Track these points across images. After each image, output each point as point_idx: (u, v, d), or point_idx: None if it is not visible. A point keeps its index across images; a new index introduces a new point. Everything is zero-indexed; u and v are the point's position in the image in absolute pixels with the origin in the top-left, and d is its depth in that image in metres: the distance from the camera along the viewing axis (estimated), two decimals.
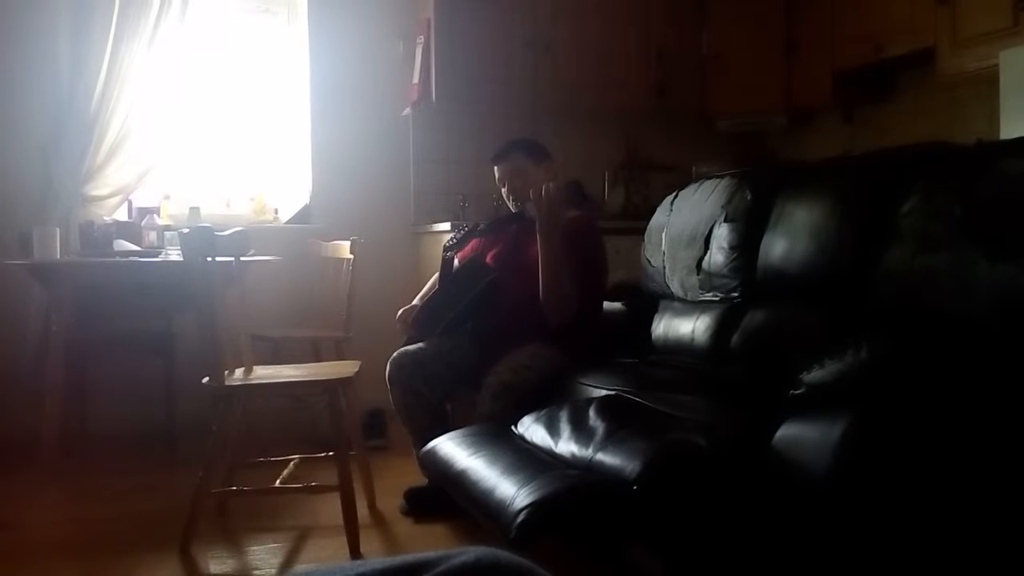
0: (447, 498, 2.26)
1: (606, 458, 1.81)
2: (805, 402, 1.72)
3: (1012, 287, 1.75)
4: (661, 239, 3.18)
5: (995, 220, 1.89)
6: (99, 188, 4.03)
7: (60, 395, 3.38)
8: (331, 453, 2.62)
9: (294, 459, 2.96)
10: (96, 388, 3.96)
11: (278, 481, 2.84)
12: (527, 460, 1.96)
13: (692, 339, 2.82)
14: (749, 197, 2.76)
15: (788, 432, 1.70)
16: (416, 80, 4.33)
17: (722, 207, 2.86)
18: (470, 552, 0.56)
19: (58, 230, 3.55)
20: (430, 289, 3.10)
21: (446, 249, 3.07)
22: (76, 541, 2.61)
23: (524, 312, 2.76)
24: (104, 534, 2.67)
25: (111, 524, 2.77)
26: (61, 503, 3.06)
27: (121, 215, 4.10)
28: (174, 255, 3.56)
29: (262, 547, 2.59)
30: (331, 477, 2.57)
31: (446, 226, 3.99)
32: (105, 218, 3.97)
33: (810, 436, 1.64)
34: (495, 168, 3.05)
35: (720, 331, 2.71)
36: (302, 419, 3.93)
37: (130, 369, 4.01)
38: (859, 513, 1.54)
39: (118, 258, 3.65)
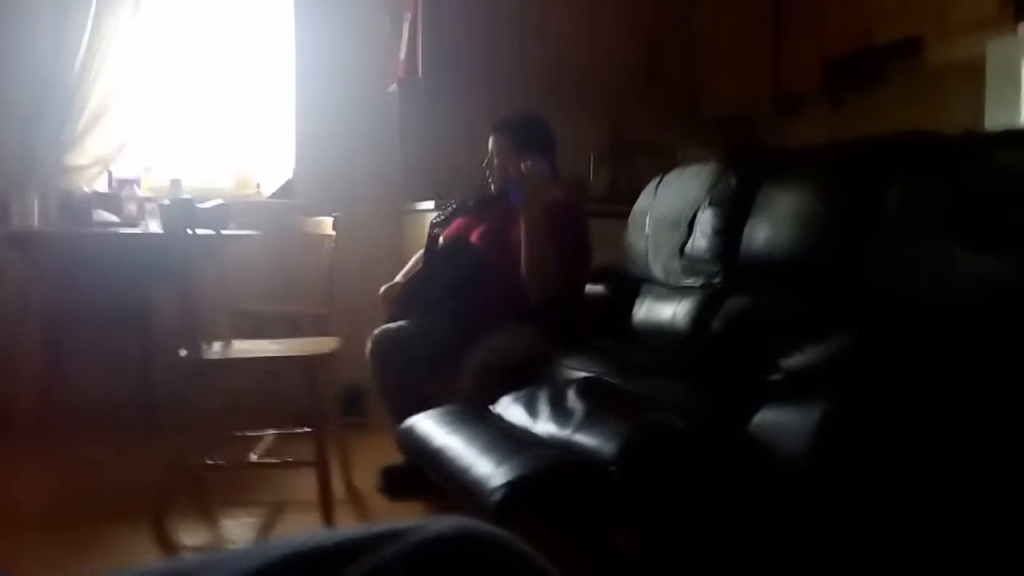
0: (424, 476, 2.25)
1: (584, 439, 1.81)
2: (784, 387, 1.73)
3: (993, 278, 1.75)
4: (645, 223, 3.18)
5: (978, 211, 1.90)
6: (79, 158, 3.97)
7: (36, 365, 3.35)
8: (308, 429, 2.62)
9: (271, 434, 2.95)
10: (73, 359, 3.92)
11: (254, 455, 2.83)
12: (505, 439, 1.96)
13: (673, 323, 2.82)
14: (734, 183, 2.76)
15: (766, 416, 1.70)
16: (403, 56, 4.29)
17: (707, 192, 2.85)
18: (445, 521, 0.53)
19: (37, 199, 3.50)
20: (413, 267, 3.09)
21: (432, 227, 3.05)
22: (50, 510, 2.59)
23: (507, 293, 2.76)
24: (78, 504, 2.66)
25: (85, 494, 2.75)
26: (36, 472, 3.04)
27: (101, 186, 4.05)
28: (154, 227, 3.52)
29: (236, 521, 2.58)
30: (308, 453, 2.56)
31: (431, 204, 3.96)
32: (85, 188, 3.92)
33: (788, 421, 1.64)
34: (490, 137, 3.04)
35: (701, 316, 2.72)
36: (280, 394, 3.91)
37: (107, 340, 3.97)
38: (835, 498, 1.55)
39: (97, 229, 3.61)
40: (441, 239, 2.99)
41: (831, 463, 1.56)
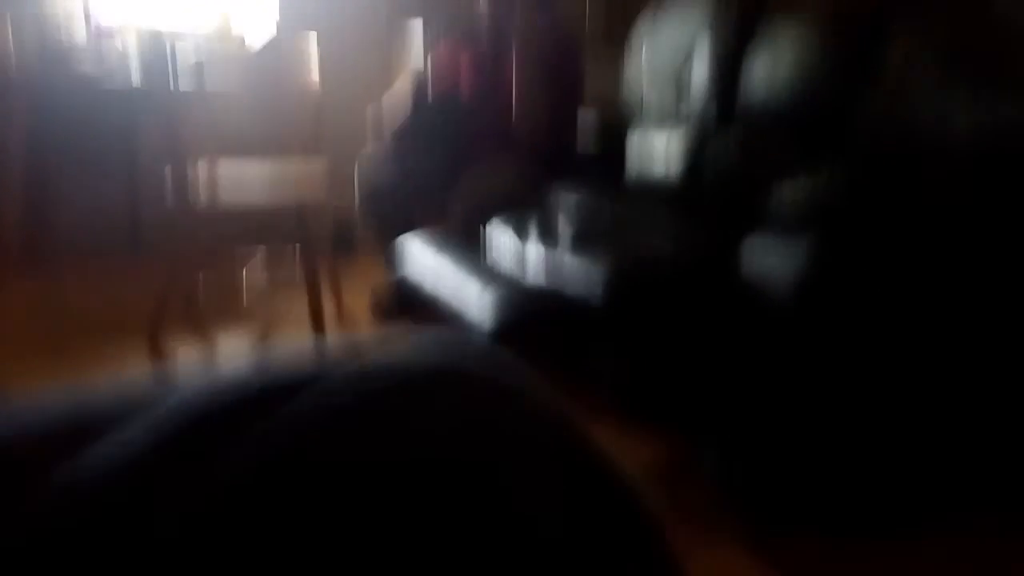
0: (416, 297, 2.30)
1: (573, 264, 1.84)
2: (773, 221, 1.75)
3: (991, 116, 1.75)
4: (641, 55, 3.10)
5: (983, 52, 1.87)
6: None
7: (19, 203, 3.30)
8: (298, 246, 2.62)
9: (260, 250, 2.96)
10: (59, 199, 3.85)
11: (244, 272, 2.85)
12: (493, 264, 1.99)
13: (666, 156, 2.81)
14: (735, 14, 2.68)
15: (753, 249, 1.73)
16: None
17: (707, 24, 2.77)
18: (428, 351, 0.41)
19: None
20: (399, 96, 3.00)
21: (418, 75, 2.94)
22: (43, 333, 2.62)
23: (498, 126, 2.72)
24: (73, 323, 2.69)
25: (80, 315, 2.78)
26: (28, 301, 3.05)
27: (80, 34, 3.84)
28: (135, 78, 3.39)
29: (230, 334, 2.63)
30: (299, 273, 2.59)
31: (419, 24, 3.81)
32: (62, 36, 3.72)
33: (774, 252, 1.67)
34: None
35: (695, 148, 2.70)
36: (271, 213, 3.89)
37: (93, 187, 3.88)
38: (817, 333, 1.60)
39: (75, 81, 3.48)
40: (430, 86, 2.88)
41: (814, 298, 1.60)
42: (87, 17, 3.86)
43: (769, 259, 1.68)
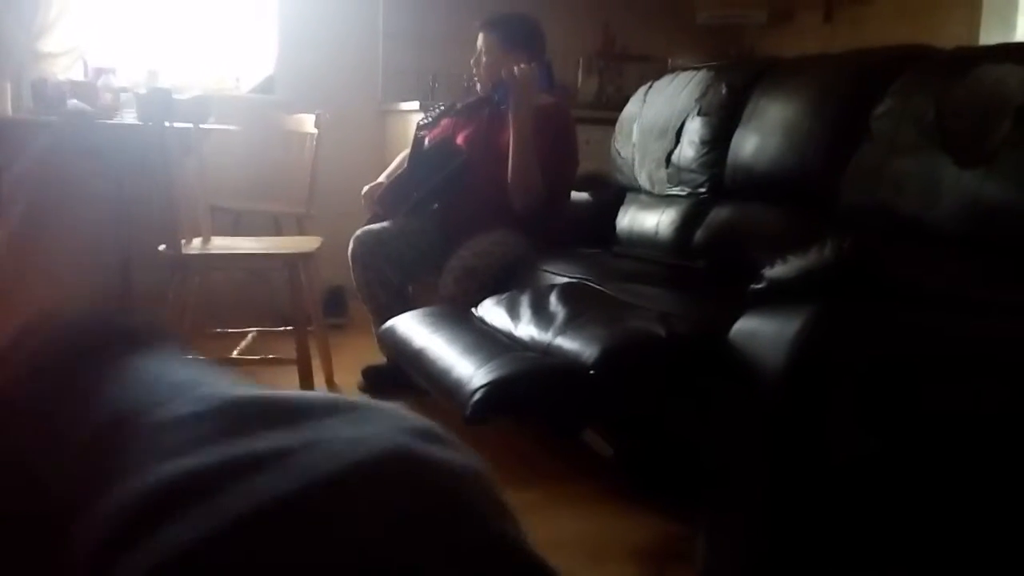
0: (405, 377, 2.28)
1: (565, 342, 1.83)
2: (765, 297, 1.74)
3: (978, 193, 1.76)
4: (632, 130, 3.14)
5: (966, 126, 1.89)
6: (52, 44, 3.84)
7: (14, 245, 3.30)
8: (289, 328, 2.62)
9: (252, 332, 2.96)
10: (48, 247, 3.87)
11: (235, 352, 2.83)
12: (486, 341, 1.97)
13: (657, 232, 2.83)
14: (724, 91, 2.72)
15: (746, 324, 1.71)
16: None
17: (696, 100, 2.82)
18: (373, 438, 0.38)
19: (9, 85, 3.40)
20: (397, 167, 3.05)
21: (419, 128, 3.00)
22: None
23: (491, 196, 2.73)
24: None
25: None
26: None
27: (77, 75, 3.93)
28: (130, 118, 3.43)
29: None
30: (289, 351, 2.57)
31: (415, 105, 3.89)
32: (59, 76, 3.81)
33: (767, 329, 1.65)
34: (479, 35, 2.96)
35: (685, 225, 2.72)
36: (261, 293, 3.90)
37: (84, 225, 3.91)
38: (810, 408, 1.58)
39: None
40: (427, 141, 2.94)
41: (807, 373, 1.58)
42: (83, 58, 3.94)
43: (763, 334, 1.66)
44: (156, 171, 2.52)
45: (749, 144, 2.52)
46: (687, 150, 2.78)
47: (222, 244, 2.68)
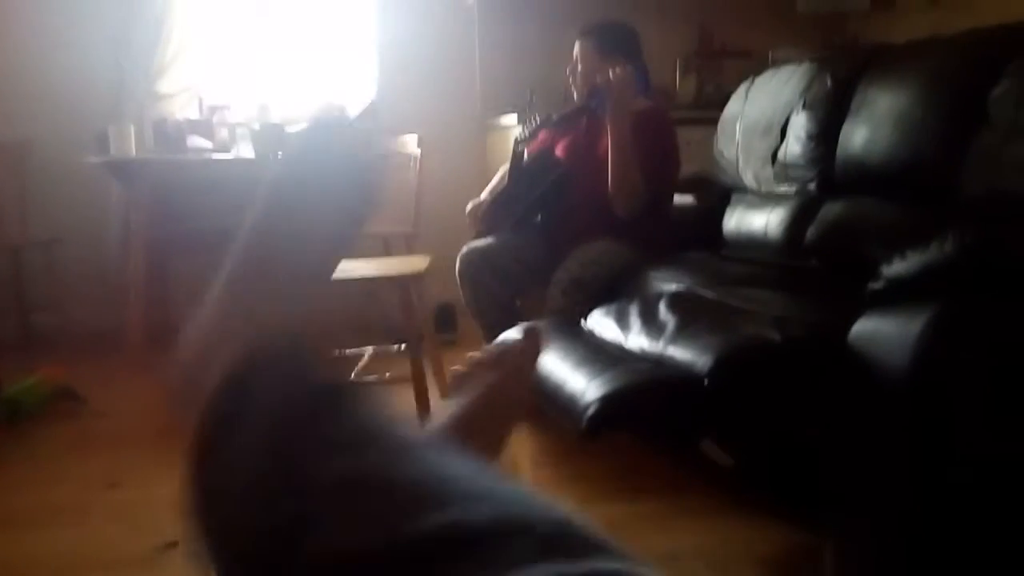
0: None
1: (677, 352, 1.81)
2: (885, 296, 1.68)
3: None
4: (735, 129, 3.09)
5: None
6: (170, 84, 4.06)
7: (142, 290, 3.49)
8: (403, 346, 2.68)
9: (368, 351, 3.04)
10: (176, 285, 4.08)
11: (353, 373, 2.92)
12: (597, 354, 1.97)
13: (766, 233, 2.76)
14: (829, 83, 2.64)
15: (866, 326, 1.66)
16: None
17: (800, 94, 2.75)
18: (548, 520, 0.46)
19: (133, 127, 3.60)
20: (499, 183, 3.08)
21: (517, 143, 3.03)
22: (166, 426, 2.73)
23: (594, 206, 2.73)
24: None
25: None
26: (149, 391, 3.20)
27: (192, 113, 4.14)
28: (245, 152, 3.59)
29: None
30: (404, 369, 2.63)
31: (513, 119, 3.92)
32: (177, 115, 4.01)
33: (888, 331, 1.60)
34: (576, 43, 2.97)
35: (795, 224, 2.65)
36: (374, 313, 4.01)
37: (207, 265, 4.11)
38: (937, 413, 1.51)
39: (192, 155, 3.70)
40: (526, 154, 2.97)
41: (933, 375, 1.52)
42: (199, 96, 4.13)
43: (884, 336, 1.61)
44: None
45: (859, 136, 2.44)
46: (793, 146, 2.71)
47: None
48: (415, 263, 2.83)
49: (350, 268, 2.80)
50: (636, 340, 1.96)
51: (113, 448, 2.61)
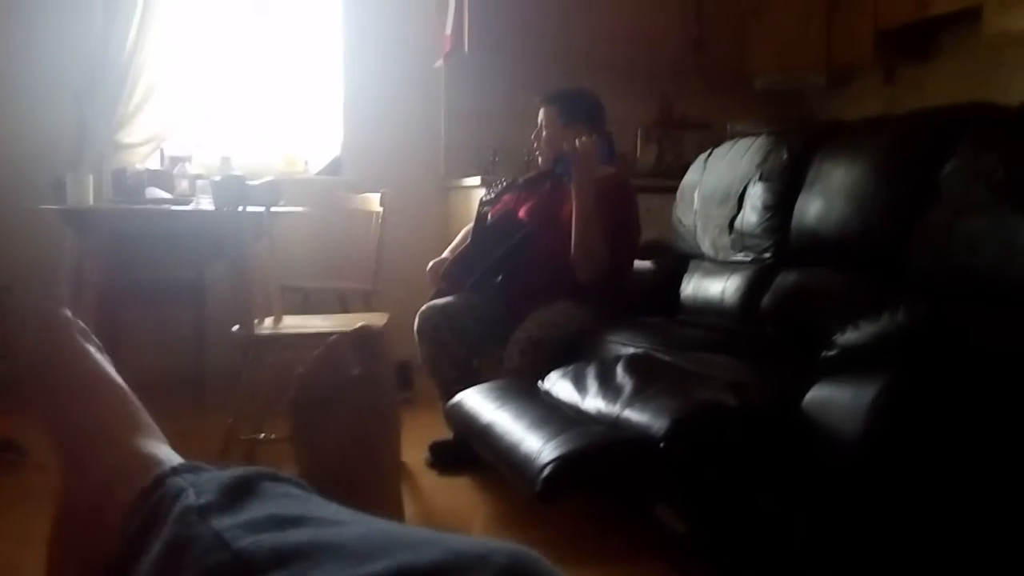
0: (472, 452, 2.28)
1: (633, 415, 1.81)
2: (838, 364, 1.70)
3: None
4: (693, 198, 3.14)
5: None
6: (132, 135, 4.04)
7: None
8: None
9: None
10: (127, 335, 4.00)
11: None
12: (553, 415, 1.96)
13: (722, 299, 2.80)
14: (785, 156, 2.72)
15: (819, 394, 1.68)
16: (449, 31, 4.27)
17: (757, 166, 2.81)
18: (501, 551, 0.48)
19: (91, 176, 3.56)
20: (461, 242, 3.09)
21: (482, 204, 3.05)
22: None
23: (555, 269, 2.75)
24: None
25: None
26: None
27: (153, 163, 4.11)
28: (205, 204, 3.56)
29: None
30: None
31: (476, 180, 3.96)
32: (137, 166, 3.98)
33: (841, 398, 1.62)
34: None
35: (751, 292, 2.69)
36: None
37: (161, 317, 4.06)
38: (888, 479, 1.53)
39: (150, 206, 3.67)
40: (490, 216, 2.99)
41: (884, 442, 1.54)
42: (160, 147, 4.11)
43: (837, 404, 1.62)
44: (231, 255, 2.60)
45: (814, 208, 2.50)
46: (750, 215, 2.77)
47: (293, 324, 2.73)
48: (372, 320, 2.81)
49: (306, 324, 2.77)
50: (593, 402, 1.96)
51: (53, 503, 2.51)
